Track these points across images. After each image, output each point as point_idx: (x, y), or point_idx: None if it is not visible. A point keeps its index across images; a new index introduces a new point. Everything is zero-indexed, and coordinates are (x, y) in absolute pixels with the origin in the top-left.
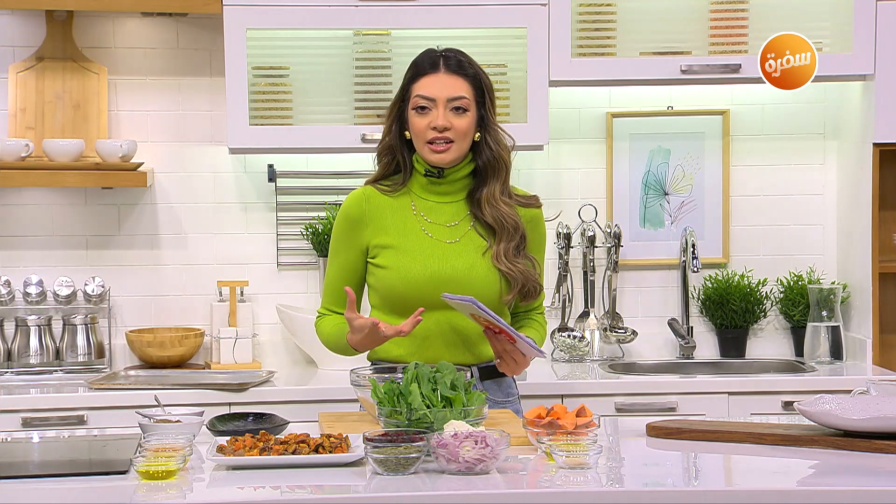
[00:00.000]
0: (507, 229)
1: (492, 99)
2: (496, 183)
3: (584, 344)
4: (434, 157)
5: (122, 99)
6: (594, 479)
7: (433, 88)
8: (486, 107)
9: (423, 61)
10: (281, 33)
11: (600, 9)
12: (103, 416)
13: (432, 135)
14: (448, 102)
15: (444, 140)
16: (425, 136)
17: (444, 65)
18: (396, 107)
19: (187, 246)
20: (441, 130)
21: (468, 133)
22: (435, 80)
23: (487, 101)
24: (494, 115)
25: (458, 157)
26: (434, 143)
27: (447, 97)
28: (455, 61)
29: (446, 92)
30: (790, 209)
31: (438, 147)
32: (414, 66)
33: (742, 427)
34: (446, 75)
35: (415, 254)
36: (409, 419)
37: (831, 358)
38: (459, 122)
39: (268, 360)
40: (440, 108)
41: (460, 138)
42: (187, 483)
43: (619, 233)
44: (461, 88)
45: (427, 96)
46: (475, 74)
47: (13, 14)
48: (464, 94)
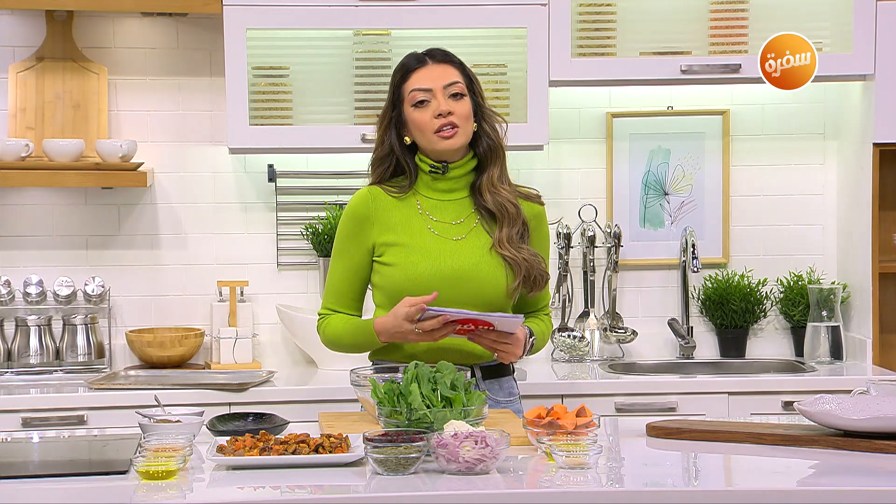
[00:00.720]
0: (508, 214)
1: (478, 85)
2: (496, 168)
3: (584, 344)
4: (444, 143)
5: (122, 99)
6: (594, 479)
7: (428, 79)
8: (476, 93)
9: (408, 61)
10: (281, 33)
11: (600, 9)
12: (103, 416)
13: (439, 122)
14: (445, 89)
15: (451, 125)
16: (432, 126)
17: (429, 57)
18: (388, 114)
19: (187, 246)
20: (446, 115)
21: (470, 117)
22: (427, 72)
23: (477, 88)
24: (484, 100)
25: (465, 141)
26: (442, 129)
27: (443, 84)
28: (440, 52)
29: (441, 79)
30: (790, 209)
31: (447, 133)
32: (401, 68)
33: (742, 427)
34: (435, 65)
35: (421, 251)
36: (409, 419)
37: (831, 358)
38: (460, 107)
39: (268, 360)
40: (439, 96)
41: (464, 122)
42: (187, 483)
43: (619, 233)
44: (453, 74)
45: (424, 87)
46: (461, 63)
47: (13, 14)
48: (457, 79)
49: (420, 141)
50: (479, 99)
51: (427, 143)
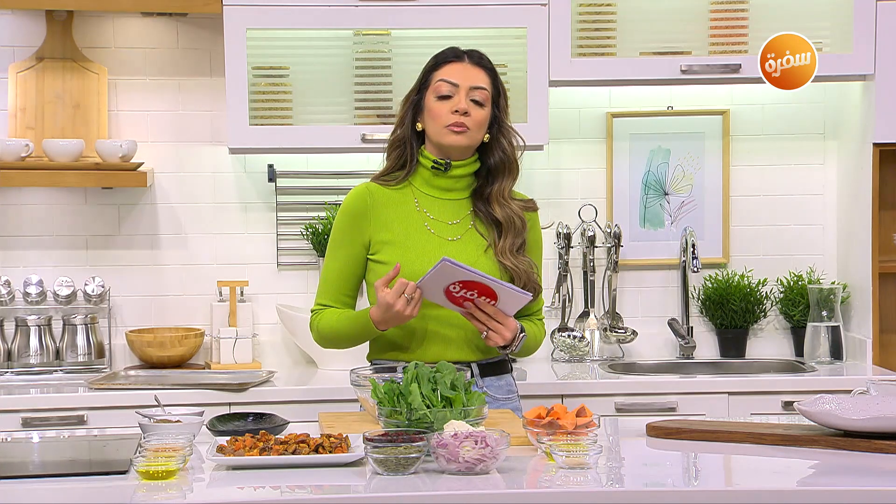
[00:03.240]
0: (514, 226)
1: (506, 99)
2: (508, 181)
3: (584, 344)
4: (451, 137)
5: (122, 99)
6: (594, 479)
7: (457, 74)
8: (500, 107)
9: (446, 52)
10: (281, 33)
11: (600, 9)
12: (103, 416)
13: (453, 118)
14: (470, 91)
15: (463, 124)
16: (446, 119)
17: (467, 56)
18: (412, 98)
19: (187, 246)
20: (462, 113)
21: (482, 126)
22: (459, 67)
23: (502, 101)
24: (507, 116)
25: (471, 144)
26: (454, 125)
27: (470, 85)
28: (478, 55)
29: (470, 80)
30: (790, 209)
31: (456, 129)
32: (436, 56)
33: (742, 427)
34: (470, 65)
35: (417, 250)
36: (409, 419)
37: (831, 358)
38: (477, 113)
39: (268, 360)
40: (462, 94)
41: (475, 128)
42: (187, 483)
43: (619, 233)
44: (483, 80)
45: (451, 81)
46: (494, 71)
47: (13, 14)
48: (485, 85)
49: (429, 129)
50: (502, 113)
51: (435, 133)
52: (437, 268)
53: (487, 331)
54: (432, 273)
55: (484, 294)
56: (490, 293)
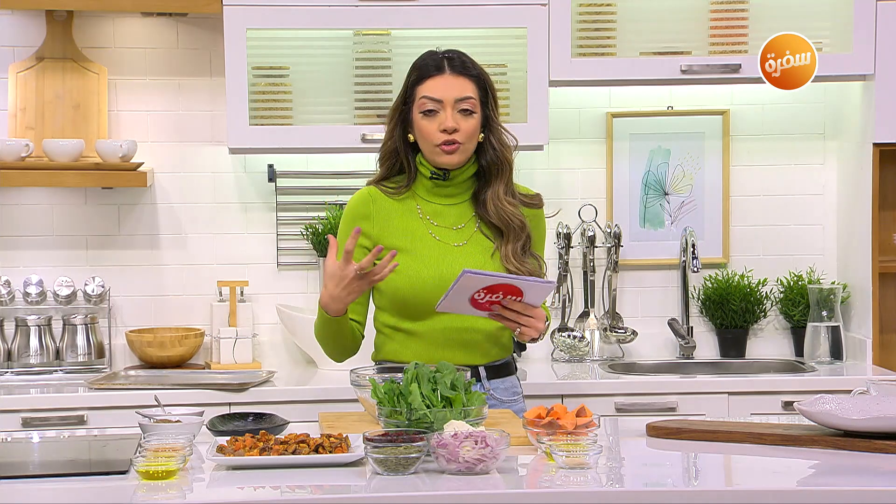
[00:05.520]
0: (513, 229)
1: (495, 98)
2: (500, 183)
3: (584, 344)
4: (444, 158)
5: (122, 99)
6: (594, 479)
7: (440, 90)
8: (489, 107)
9: (426, 63)
10: (281, 33)
11: (600, 9)
12: (103, 416)
13: (442, 137)
14: (456, 104)
15: (453, 142)
16: (435, 139)
17: (448, 66)
18: (398, 110)
19: (187, 246)
20: (451, 132)
21: (474, 135)
22: (441, 82)
23: (491, 101)
24: (498, 114)
25: (465, 158)
26: (444, 144)
27: (455, 98)
28: (459, 62)
29: (454, 93)
30: (790, 209)
31: (448, 148)
32: (417, 69)
33: (742, 427)
34: (452, 76)
35: (423, 257)
36: (409, 419)
37: (831, 358)
38: (467, 125)
39: (268, 360)
40: (448, 110)
41: (467, 140)
42: (187, 483)
43: (619, 233)
44: (468, 89)
45: (434, 98)
46: (479, 75)
47: (13, 14)
48: (470, 94)
49: (422, 146)
50: (492, 112)
51: (428, 153)
52: (459, 281)
53: (520, 327)
54: (455, 287)
55: (509, 293)
56: (515, 291)
